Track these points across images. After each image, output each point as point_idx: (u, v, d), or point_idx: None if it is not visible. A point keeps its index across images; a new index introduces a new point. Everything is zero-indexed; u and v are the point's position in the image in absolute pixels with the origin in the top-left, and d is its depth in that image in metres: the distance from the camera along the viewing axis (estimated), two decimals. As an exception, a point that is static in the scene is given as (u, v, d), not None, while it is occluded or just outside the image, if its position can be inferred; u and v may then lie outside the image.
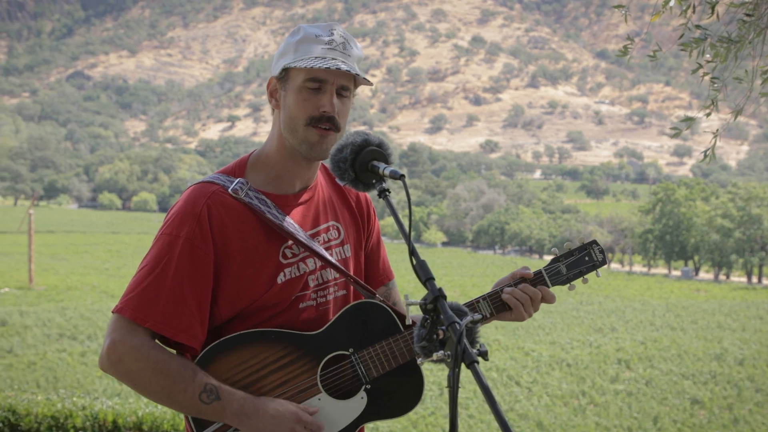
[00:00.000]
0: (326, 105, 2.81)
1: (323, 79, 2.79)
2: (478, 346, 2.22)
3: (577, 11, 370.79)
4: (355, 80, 2.88)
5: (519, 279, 3.03)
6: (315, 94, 2.81)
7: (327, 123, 2.82)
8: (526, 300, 2.99)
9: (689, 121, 4.77)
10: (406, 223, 2.48)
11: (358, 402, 2.89)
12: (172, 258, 2.75)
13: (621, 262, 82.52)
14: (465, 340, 2.15)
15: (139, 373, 2.72)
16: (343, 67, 2.77)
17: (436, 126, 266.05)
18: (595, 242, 3.15)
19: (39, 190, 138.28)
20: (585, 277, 3.13)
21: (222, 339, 2.81)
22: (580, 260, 3.12)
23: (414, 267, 2.42)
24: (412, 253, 2.43)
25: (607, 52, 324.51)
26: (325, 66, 2.75)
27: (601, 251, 3.14)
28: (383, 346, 2.90)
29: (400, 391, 2.95)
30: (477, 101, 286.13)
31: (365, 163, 2.61)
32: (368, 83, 2.87)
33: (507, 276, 3.08)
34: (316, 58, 2.78)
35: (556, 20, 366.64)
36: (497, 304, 3.01)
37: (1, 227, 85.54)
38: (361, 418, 2.90)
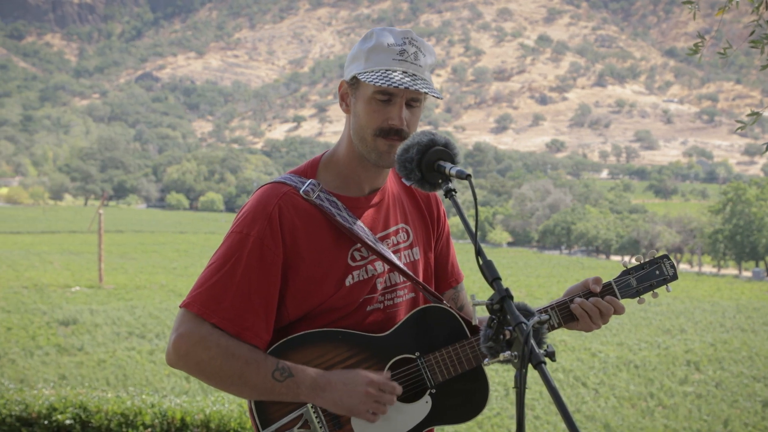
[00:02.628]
0: (395, 118, 2.80)
1: (392, 93, 2.79)
2: (545, 346, 2.23)
3: (645, 9, 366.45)
4: None
5: (589, 292, 3.00)
6: (384, 105, 2.80)
7: (395, 135, 2.81)
8: (595, 312, 2.96)
9: (755, 116, 4.68)
10: (472, 223, 2.47)
11: (423, 406, 2.89)
12: (242, 256, 2.77)
13: (690, 262, 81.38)
14: (532, 341, 2.16)
15: (210, 361, 2.75)
16: (413, 86, 2.75)
17: (502, 125, 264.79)
18: (666, 257, 3.11)
19: (108, 190, 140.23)
20: (655, 291, 3.09)
21: (289, 337, 2.83)
22: (650, 274, 3.08)
23: (480, 267, 2.42)
24: (479, 253, 2.42)
25: (676, 50, 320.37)
26: (394, 85, 2.73)
27: (672, 266, 3.10)
28: (449, 352, 2.89)
29: (464, 397, 2.94)
30: (543, 100, 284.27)
31: (431, 163, 2.61)
32: (438, 97, 2.85)
33: (578, 284, 3.05)
34: (386, 71, 2.77)
35: (623, 18, 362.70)
36: (565, 314, 2.99)
37: (72, 227, 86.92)
38: (425, 422, 2.90)
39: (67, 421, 6.85)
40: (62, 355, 27.37)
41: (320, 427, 2.81)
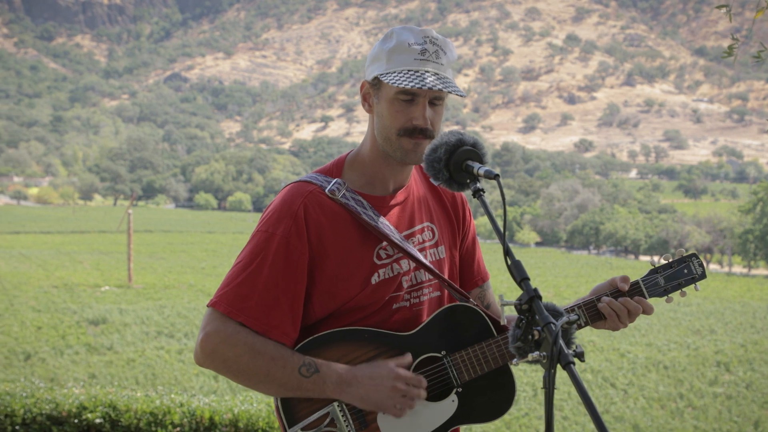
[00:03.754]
0: (419, 118, 2.80)
1: (415, 93, 2.78)
2: (574, 347, 2.22)
3: (675, 8, 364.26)
4: None
5: (616, 291, 2.98)
6: (407, 105, 2.80)
7: (420, 135, 2.81)
8: (623, 312, 2.95)
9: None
10: (500, 222, 2.47)
11: (449, 405, 2.89)
12: (268, 255, 2.78)
13: (720, 263, 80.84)
14: (561, 341, 2.16)
15: (236, 358, 2.76)
16: (437, 85, 2.75)
17: (530, 125, 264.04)
18: (695, 255, 3.09)
19: (137, 190, 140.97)
20: (683, 290, 3.07)
21: (316, 335, 2.84)
22: (678, 272, 3.06)
23: (509, 267, 2.42)
24: (507, 253, 2.42)
25: (706, 49, 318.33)
26: (417, 86, 2.73)
27: (701, 264, 3.08)
28: (476, 350, 2.89)
29: (491, 396, 2.93)
30: (571, 100, 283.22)
31: (459, 162, 2.61)
32: (461, 95, 2.85)
33: (605, 283, 3.03)
34: (408, 71, 2.77)
35: (652, 17, 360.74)
36: (593, 313, 2.98)
37: (101, 227, 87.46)
38: (451, 421, 2.90)
39: (97, 420, 6.89)
40: (92, 355, 27.56)
41: (346, 425, 2.81)
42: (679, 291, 3.07)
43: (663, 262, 3.08)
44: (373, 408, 2.80)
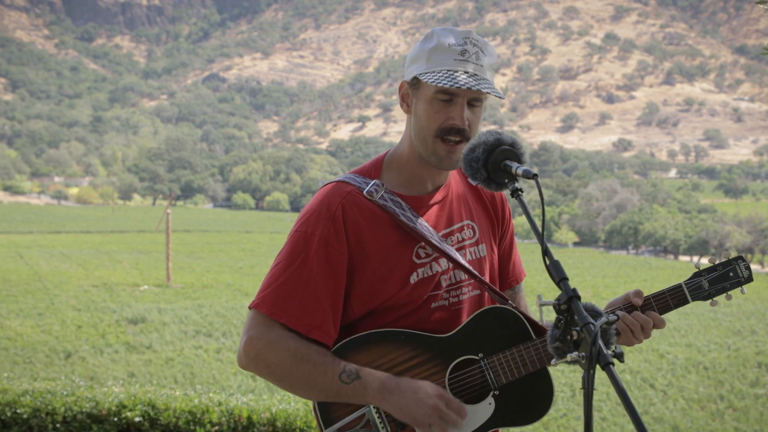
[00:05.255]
0: (456, 118, 2.79)
1: (454, 93, 2.78)
2: (613, 347, 2.22)
3: (715, 6, 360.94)
4: None
5: (630, 305, 2.94)
6: (446, 105, 2.79)
7: (457, 135, 2.81)
8: (636, 327, 2.91)
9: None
10: (538, 222, 2.45)
11: (486, 407, 2.88)
12: (308, 256, 2.79)
13: (761, 263, 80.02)
14: (600, 341, 2.15)
15: (279, 363, 2.78)
16: (476, 86, 2.74)
17: (568, 125, 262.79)
18: (741, 258, 3.04)
19: (176, 190, 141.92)
20: (729, 293, 3.03)
21: (352, 337, 2.84)
22: (723, 276, 3.02)
23: (547, 267, 2.40)
24: (546, 253, 2.41)
25: (747, 47, 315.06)
26: (457, 85, 2.73)
27: (747, 267, 3.03)
28: (513, 353, 2.87)
29: (528, 400, 2.92)
30: (610, 99, 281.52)
31: (498, 162, 2.60)
32: (500, 97, 2.84)
33: (620, 297, 3.00)
34: (448, 71, 2.76)
35: (692, 16, 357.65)
36: None
37: (140, 226, 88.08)
38: (488, 424, 2.89)
39: (136, 419, 6.94)
40: (131, 353, 27.78)
41: (382, 427, 2.81)
42: (725, 294, 3.03)
43: (707, 264, 3.04)
44: (409, 421, 2.79)
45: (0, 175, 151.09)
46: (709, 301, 3.01)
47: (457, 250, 2.94)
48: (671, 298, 2.98)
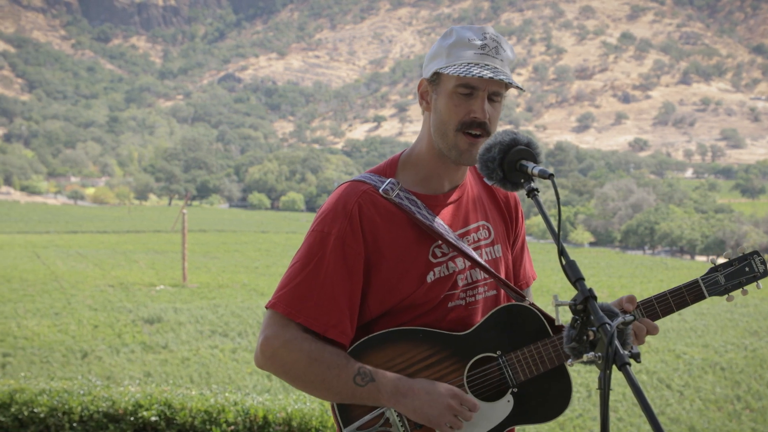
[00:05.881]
0: (477, 111, 2.79)
1: (475, 86, 2.78)
2: (629, 347, 2.21)
3: (732, 5, 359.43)
4: (507, 84, 2.85)
5: (622, 310, 2.90)
6: (466, 99, 2.80)
7: (478, 128, 2.81)
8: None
9: None
10: (554, 223, 2.45)
11: (505, 405, 2.88)
12: (324, 255, 2.80)
13: (778, 263, 79.62)
14: (616, 342, 2.15)
15: (294, 364, 2.79)
16: (498, 76, 2.75)
17: (584, 124, 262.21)
18: (756, 253, 3.03)
19: (192, 190, 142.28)
20: (745, 288, 3.02)
21: (370, 336, 2.84)
22: (739, 271, 3.01)
23: (563, 267, 2.40)
24: (562, 253, 2.41)
25: (764, 46, 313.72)
26: (478, 75, 2.73)
27: (763, 262, 3.02)
28: (531, 350, 2.87)
29: (547, 397, 2.92)
30: (626, 99, 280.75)
31: (513, 162, 2.60)
32: (520, 89, 2.84)
33: (613, 303, 2.99)
34: (468, 64, 2.77)
35: (709, 15, 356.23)
36: None
37: (156, 226, 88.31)
38: (507, 421, 2.89)
39: (153, 418, 6.96)
40: (147, 353, 27.85)
41: (401, 426, 2.82)
42: (741, 289, 3.02)
43: (723, 260, 3.03)
44: (424, 422, 2.80)
45: (17, 176, 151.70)
46: (726, 296, 3.00)
47: (474, 250, 2.94)
48: (688, 294, 2.97)
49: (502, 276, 3.02)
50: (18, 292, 37.57)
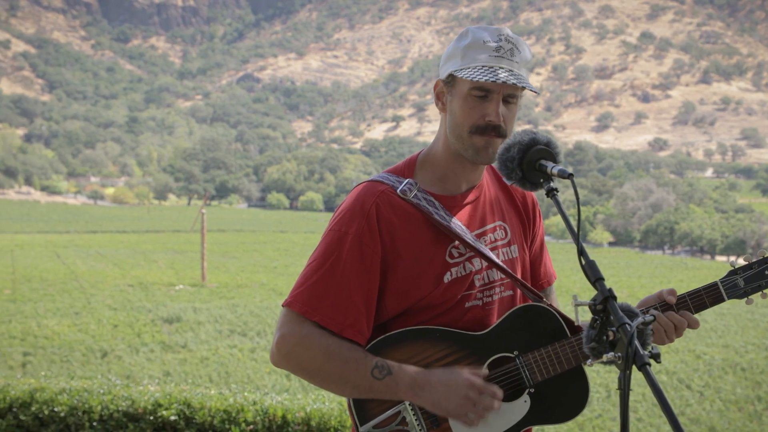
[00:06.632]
0: (492, 114, 2.78)
1: (489, 89, 2.77)
2: (649, 348, 2.20)
3: (753, 4, 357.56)
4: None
5: (664, 304, 2.92)
6: (481, 102, 2.79)
7: (492, 132, 2.80)
8: (670, 327, 2.88)
9: None
10: (573, 222, 2.44)
11: (522, 405, 2.87)
12: (341, 254, 2.80)
13: (798, 263, 79.15)
14: (636, 342, 2.15)
15: (311, 360, 2.79)
16: (510, 80, 2.74)
17: (603, 124, 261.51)
18: None
19: (211, 190, 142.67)
20: (764, 291, 3.00)
21: (387, 335, 2.84)
22: (759, 274, 2.98)
23: (583, 267, 2.39)
24: (581, 253, 2.40)
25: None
26: (492, 80, 2.73)
27: None
28: (549, 351, 2.86)
29: (564, 397, 2.91)
30: (645, 98, 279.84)
31: (533, 162, 2.59)
32: (535, 91, 2.83)
33: (653, 296, 2.97)
34: (483, 67, 2.76)
35: (729, 14, 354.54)
36: None
37: (175, 226, 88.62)
38: (523, 421, 2.87)
39: (172, 417, 6.98)
40: (166, 352, 27.94)
41: (417, 425, 2.81)
42: (760, 292, 3.00)
43: (742, 262, 3.01)
44: (443, 414, 2.79)
45: (38, 176, 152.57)
46: (745, 299, 2.98)
47: (491, 250, 2.93)
48: (707, 297, 2.96)
49: (519, 276, 3.01)
50: (38, 291, 37.77)
